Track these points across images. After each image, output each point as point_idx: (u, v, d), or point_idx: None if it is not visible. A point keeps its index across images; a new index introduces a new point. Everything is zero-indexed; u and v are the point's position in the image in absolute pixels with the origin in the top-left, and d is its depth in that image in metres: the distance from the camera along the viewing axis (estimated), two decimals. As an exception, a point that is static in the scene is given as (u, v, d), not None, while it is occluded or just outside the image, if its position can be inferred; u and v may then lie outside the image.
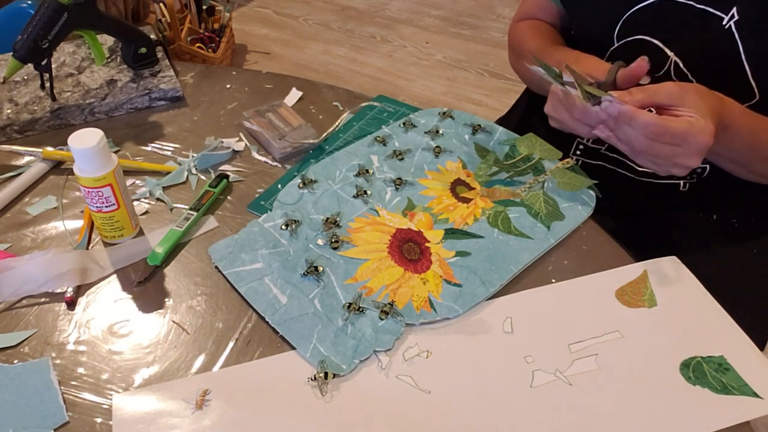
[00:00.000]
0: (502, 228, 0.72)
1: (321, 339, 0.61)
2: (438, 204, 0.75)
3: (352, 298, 0.64)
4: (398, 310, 0.63)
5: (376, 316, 0.63)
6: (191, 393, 0.57)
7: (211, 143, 0.84)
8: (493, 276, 0.67)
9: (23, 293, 0.65)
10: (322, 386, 0.57)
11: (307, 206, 0.74)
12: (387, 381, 0.59)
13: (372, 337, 0.61)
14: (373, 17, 2.82)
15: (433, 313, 0.63)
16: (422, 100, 2.29)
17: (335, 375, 0.58)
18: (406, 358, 0.60)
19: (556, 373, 0.59)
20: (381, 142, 0.84)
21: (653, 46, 0.77)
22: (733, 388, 0.58)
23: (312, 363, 0.59)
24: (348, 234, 0.71)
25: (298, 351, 0.60)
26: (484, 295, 0.65)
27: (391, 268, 0.68)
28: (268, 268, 0.67)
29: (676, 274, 0.68)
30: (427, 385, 0.58)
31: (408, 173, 0.79)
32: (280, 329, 0.62)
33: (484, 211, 0.74)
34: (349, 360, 0.59)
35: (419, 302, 0.64)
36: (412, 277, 0.67)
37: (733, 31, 0.70)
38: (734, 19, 0.70)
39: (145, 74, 0.94)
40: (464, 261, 0.69)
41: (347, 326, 0.62)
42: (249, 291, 0.65)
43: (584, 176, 0.78)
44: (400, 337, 0.62)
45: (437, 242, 0.71)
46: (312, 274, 0.66)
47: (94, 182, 0.65)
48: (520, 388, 0.58)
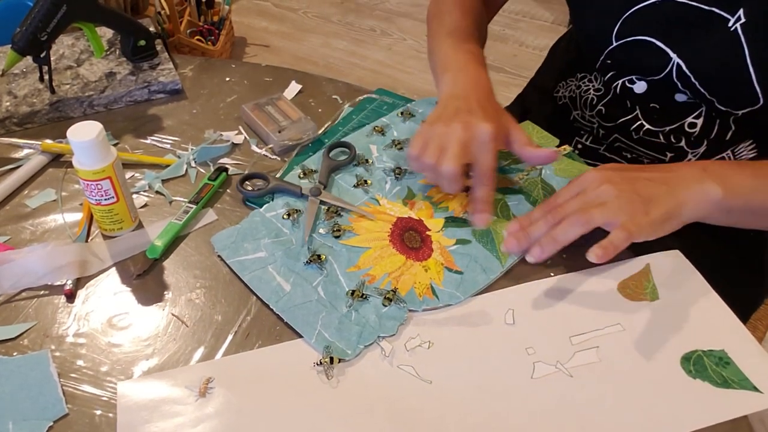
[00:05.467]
0: (501, 215, 0.73)
1: (325, 325, 0.61)
2: (437, 192, 0.75)
3: (356, 286, 0.65)
4: (401, 296, 0.64)
5: (380, 302, 0.63)
6: (195, 381, 0.57)
7: (210, 136, 0.84)
8: (493, 263, 0.68)
9: (22, 286, 0.65)
10: (328, 371, 0.58)
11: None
12: (389, 370, 0.59)
13: (376, 323, 0.62)
14: (373, 10, 2.82)
15: (436, 299, 0.64)
16: (422, 94, 2.28)
17: (341, 360, 0.59)
18: (408, 348, 0.61)
19: (557, 364, 0.59)
20: (380, 132, 0.84)
21: (654, 46, 0.75)
22: (733, 382, 0.58)
23: (317, 349, 0.60)
24: (349, 223, 0.72)
25: (304, 337, 0.61)
26: (485, 282, 0.66)
27: (393, 256, 0.68)
28: (271, 257, 0.68)
29: (678, 268, 0.68)
30: (428, 375, 0.59)
31: (407, 163, 0.79)
32: (285, 316, 0.62)
33: None
34: (354, 345, 0.60)
35: (421, 289, 0.65)
36: (413, 265, 0.67)
37: (739, 34, 0.68)
38: (740, 22, 0.68)
39: (144, 67, 0.94)
40: (465, 249, 0.69)
41: (351, 313, 0.63)
42: (253, 279, 0.66)
43: (581, 162, 0.78)
44: (404, 323, 0.62)
45: (438, 230, 0.71)
46: (315, 263, 0.67)
47: (93, 175, 0.65)
48: (521, 379, 0.58)
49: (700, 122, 0.78)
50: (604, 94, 0.84)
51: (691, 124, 0.78)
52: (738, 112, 0.74)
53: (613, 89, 0.83)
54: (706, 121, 0.77)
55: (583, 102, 0.88)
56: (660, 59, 0.75)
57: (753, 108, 0.72)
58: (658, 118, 0.80)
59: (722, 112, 0.75)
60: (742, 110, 0.73)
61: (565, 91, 0.92)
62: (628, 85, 0.81)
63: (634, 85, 0.80)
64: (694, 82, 0.73)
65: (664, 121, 0.80)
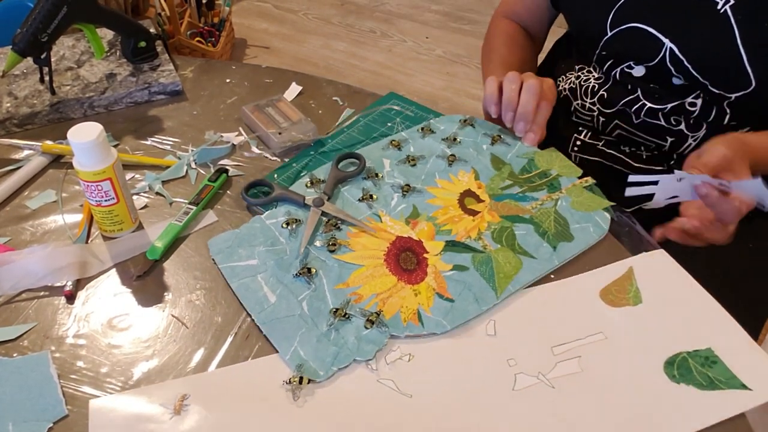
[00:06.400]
0: (506, 244, 0.70)
1: (303, 342, 0.60)
2: (443, 214, 0.73)
3: (340, 304, 0.63)
4: (384, 320, 0.62)
5: (362, 324, 0.62)
6: (170, 398, 0.56)
7: (210, 137, 0.84)
8: (488, 294, 0.65)
9: (23, 287, 0.65)
10: (296, 390, 0.57)
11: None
12: (369, 385, 0.58)
13: (354, 346, 0.60)
14: (373, 12, 2.82)
15: (420, 326, 0.62)
16: (422, 96, 2.29)
17: (310, 381, 0.57)
18: (388, 361, 0.60)
19: (539, 375, 0.59)
20: (396, 146, 0.82)
21: (647, 33, 0.77)
22: (720, 382, 0.57)
23: (290, 365, 0.59)
24: (347, 237, 0.70)
25: (279, 352, 0.60)
26: (476, 312, 0.63)
27: (385, 276, 0.67)
28: (263, 265, 0.67)
29: (662, 267, 0.68)
30: (408, 389, 0.58)
31: (418, 180, 0.77)
32: (264, 329, 0.62)
33: (490, 225, 0.72)
34: (327, 366, 0.58)
35: (407, 314, 0.63)
36: (404, 288, 0.66)
37: (729, 16, 0.70)
38: (729, 3, 0.70)
39: (144, 68, 0.94)
40: (461, 276, 0.67)
41: (331, 332, 0.61)
42: (240, 287, 0.65)
43: (602, 197, 0.75)
44: (382, 349, 0.61)
45: (436, 254, 0.69)
46: (304, 275, 0.66)
47: (93, 176, 0.65)
48: (502, 391, 0.58)
49: (700, 102, 0.79)
50: (605, 82, 0.86)
51: (691, 104, 0.79)
52: (731, 95, 0.75)
53: (612, 77, 0.84)
54: (705, 103, 0.78)
55: (583, 91, 0.88)
56: (653, 45, 0.77)
57: (746, 91, 0.73)
58: (660, 97, 0.81)
59: (716, 96, 0.76)
60: (735, 94, 0.74)
61: (565, 84, 0.93)
62: (626, 71, 0.83)
63: (632, 70, 0.82)
64: (687, 66, 0.75)
65: (665, 100, 0.81)
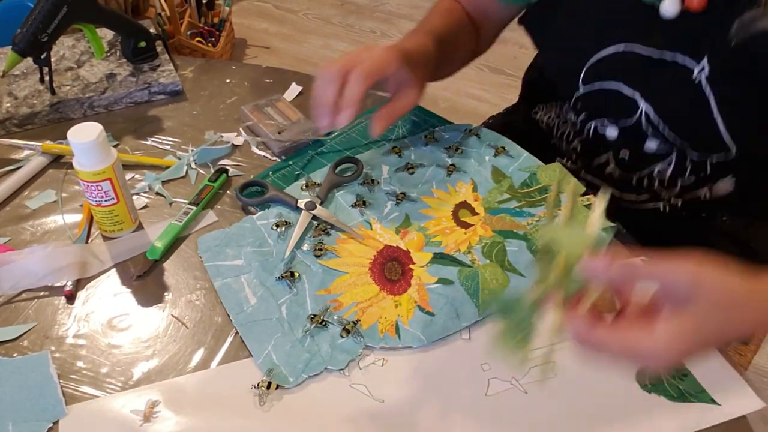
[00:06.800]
0: (495, 260, 0.68)
1: (276, 347, 0.60)
2: (435, 225, 0.72)
3: (319, 310, 0.63)
4: (361, 330, 0.62)
5: (338, 332, 0.61)
6: (140, 405, 0.56)
7: (210, 137, 0.84)
8: (470, 310, 0.64)
9: (22, 287, 0.65)
10: (263, 396, 0.57)
11: None
12: (340, 390, 0.58)
13: (327, 354, 0.60)
14: (373, 12, 2.82)
15: (396, 339, 0.61)
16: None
17: (279, 386, 0.57)
18: (361, 366, 0.60)
19: (512, 381, 0.59)
20: (397, 153, 0.81)
21: (621, 93, 0.72)
22: (690, 395, 0.57)
23: (261, 369, 0.58)
24: (335, 243, 0.70)
25: (252, 355, 0.60)
26: (456, 328, 0.62)
27: (367, 285, 0.66)
28: (248, 266, 0.67)
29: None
30: (381, 395, 0.57)
31: (414, 188, 0.76)
32: (241, 330, 0.61)
33: (482, 239, 0.70)
34: (298, 373, 0.58)
35: (385, 325, 0.62)
36: (385, 298, 0.65)
37: (703, 86, 0.65)
38: (704, 74, 0.65)
39: (144, 68, 0.94)
40: (445, 289, 0.65)
41: (306, 338, 0.61)
42: (222, 287, 0.65)
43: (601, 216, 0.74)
44: (355, 359, 0.60)
45: (422, 265, 0.68)
46: (287, 279, 0.65)
47: (93, 176, 0.65)
48: (475, 396, 0.57)
49: (670, 170, 0.76)
50: (579, 132, 0.83)
51: (660, 172, 0.77)
52: (712, 157, 0.73)
53: (586, 131, 0.81)
54: (678, 167, 0.76)
55: (559, 135, 0.87)
56: (629, 105, 0.72)
57: (726, 158, 0.71)
58: (629, 167, 0.79)
59: (696, 158, 0.74)
60: (716, 156, 0.72)
61: (543, 116, 0.91)
62: (599, 132, 0.79)
63: (606, 130, 0.78)
64: (664, 128, 0.71)
65: (633, 169, 0.79)
